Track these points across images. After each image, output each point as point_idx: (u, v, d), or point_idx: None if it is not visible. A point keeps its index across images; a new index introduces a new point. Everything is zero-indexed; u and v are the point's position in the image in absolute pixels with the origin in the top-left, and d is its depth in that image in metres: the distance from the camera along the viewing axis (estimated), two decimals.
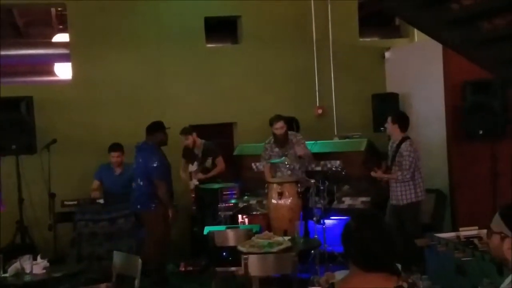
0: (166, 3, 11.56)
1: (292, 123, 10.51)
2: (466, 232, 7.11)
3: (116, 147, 10.38)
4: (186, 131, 10.46)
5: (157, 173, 9.04)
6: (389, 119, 9.12)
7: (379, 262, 3.51)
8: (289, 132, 9.86)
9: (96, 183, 10.40)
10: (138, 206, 9.27)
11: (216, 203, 9.92)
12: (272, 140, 9.85)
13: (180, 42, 11.56)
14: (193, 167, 10.30)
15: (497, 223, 3.44)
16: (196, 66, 11.67)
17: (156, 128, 9.29)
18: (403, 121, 9.11)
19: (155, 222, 9.11)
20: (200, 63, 11.70)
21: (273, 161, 9.70)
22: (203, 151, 10.50)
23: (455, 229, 8.07)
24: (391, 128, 9.09)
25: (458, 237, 7.06)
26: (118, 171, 10.44)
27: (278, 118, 9.73)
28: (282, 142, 9.76)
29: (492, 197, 9.63)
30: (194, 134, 10.45)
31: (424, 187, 9.02)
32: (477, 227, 7.08)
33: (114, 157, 10.35)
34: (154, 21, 11.50)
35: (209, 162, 10.39)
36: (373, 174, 9.13)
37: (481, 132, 9.70)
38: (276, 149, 9.78)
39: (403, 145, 8.84)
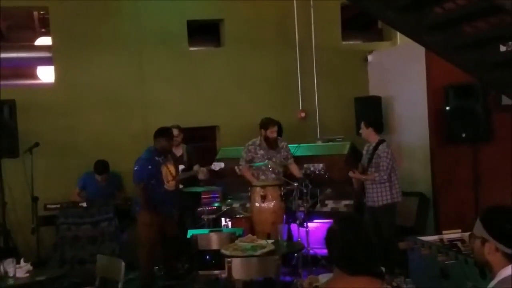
0: (149, 6, 11.53)
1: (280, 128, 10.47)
2: (449, 235, 7.13)
3: (102, 170, 10.38)
4: (179, 127, 10.47)
5: (134, 176, 9.06)
6: (362, 124, 9.27)
7: (363, 265, 3.52)
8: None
9: (76, 191, 10.39)
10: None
11: (198, 206, 9.91)
12: (258, 142, 9.83)
13: (162, 46, 11.54)
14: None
15: (478, 227, 3.47)
16: (178, 69, 11.66)
17: (158, 134, 9.18)
18: (376, 124, 9.27)
19: (139, 225, 9.14)
20: (183, 67, 11.68)
21: (256, 164, 9.69)
22: (189, 155, 10.51)
23: (438, 232, 8.11)
24: (365, 132, 9.23)
25: (441, 240, 7.09)
26: (102, 183, 10.42)
27: (274, 122, 9.79)
28: (272, 145, 9.77)
29: (475, 200, 9.68)
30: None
31: (400, 189, 9.11)
32: (460, 230, 7.10)
33: (101, 178, 10.36)
34: (137, 24, 11.46)
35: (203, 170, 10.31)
36: (350, 174, 9.20)
37: (463, 135, 9.74)
38: (261, 152, 9.76)
39: (380, 147, 8.97)
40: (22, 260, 6.94)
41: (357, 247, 3.50)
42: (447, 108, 9.92)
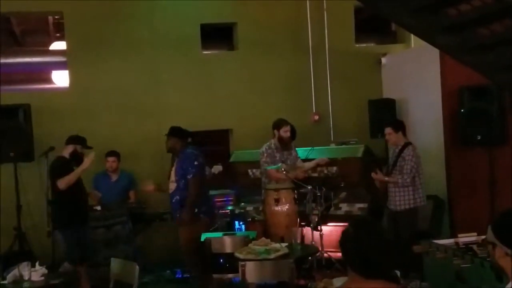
0: (162, 10, 11.56)
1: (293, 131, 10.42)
2: (465, 238, 7.07)
3: (113, 152, 10.48)
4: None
5: None
6: (389, 129, 9.13)
7: (378, 268, 3.50)
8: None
9: (91, 194, 10.38)
10: None
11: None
12: (273, 145, 9.75)
13: (176, 49, 11.56)
14: None
15: (489, 233, 3.47)
16: (192, 73, 11.67)
17: (169, 133, 9.11)
18: (403, 127, 9.16)
19: None
20: (196, 70, 11.69)
21: (269, 167, 9.67)
22: None
23: (453, 235, 8.05)
24: (395, 136, 9.09)
25: (456, 243, 7.03)
26: (114, 177, 10.50)
27: (286, 122, 9.78)
28: (286, 145, 9.76)
29: (490, 203, 9.63)
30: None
31: (424, 194, 9.03)
32: (475, 233, 7.04)
33: (109, 161, 10.45)
34: (151, 28, 11.49)
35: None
36: (373, 175, 9.13)
37: (478, 137, 9.69)
38: (278, 154, 9.72)
39: (405, 150, 8.89)
40: (37, 263, 6.96)
41: (372, 250, 3.49)
42: (462, 110, 9.88)
